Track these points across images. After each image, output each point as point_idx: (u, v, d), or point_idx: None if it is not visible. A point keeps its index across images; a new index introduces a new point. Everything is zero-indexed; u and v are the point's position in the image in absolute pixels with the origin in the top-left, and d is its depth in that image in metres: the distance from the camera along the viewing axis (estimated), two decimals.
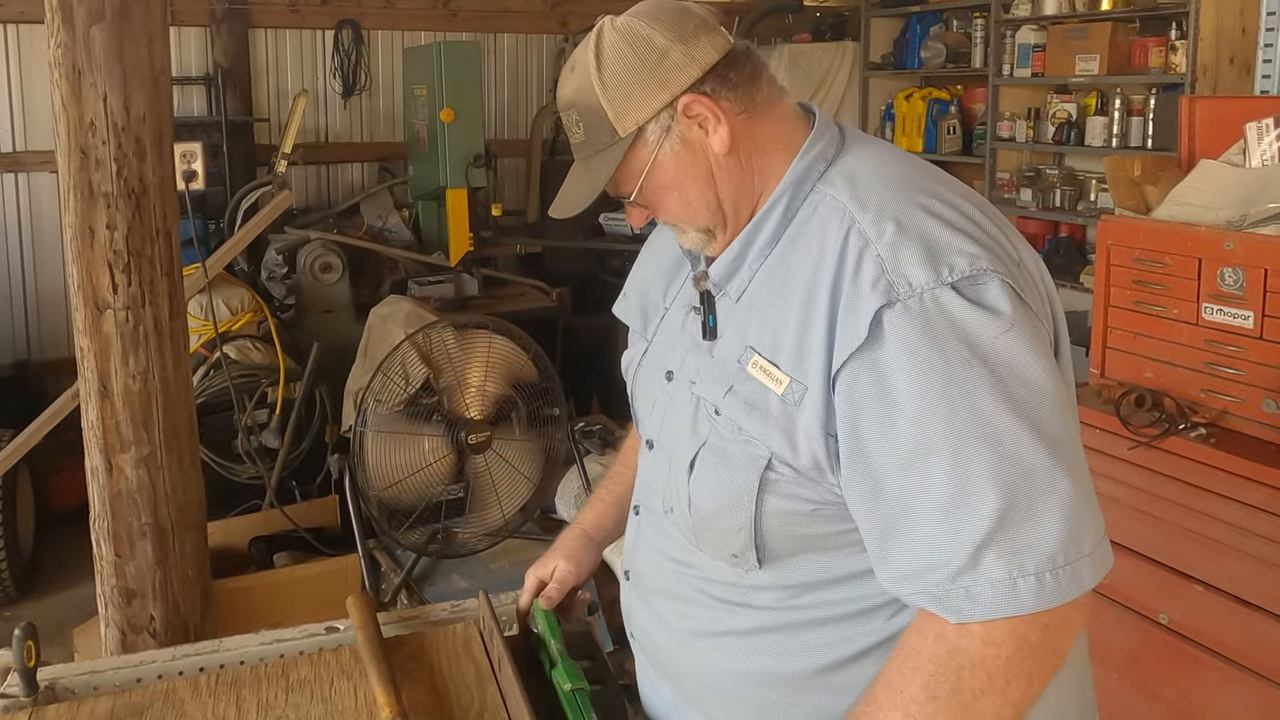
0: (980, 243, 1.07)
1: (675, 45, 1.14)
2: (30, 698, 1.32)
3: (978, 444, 1.00)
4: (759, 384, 1.12)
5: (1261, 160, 2.50)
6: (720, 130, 1.15)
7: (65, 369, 3.80)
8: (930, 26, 5.94)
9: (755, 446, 1.12)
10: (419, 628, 1.51)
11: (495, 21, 5.99)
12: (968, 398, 1.00)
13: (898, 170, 1.16)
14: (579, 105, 1.17)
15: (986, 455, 0.99)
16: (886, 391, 1.02)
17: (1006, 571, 0.99)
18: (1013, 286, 1.05)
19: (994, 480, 0.99)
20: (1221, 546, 2.36)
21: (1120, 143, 4.79)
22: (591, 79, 1.15)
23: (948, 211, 1.09)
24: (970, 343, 1.01)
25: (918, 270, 1.04)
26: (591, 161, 1.19)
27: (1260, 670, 2.30)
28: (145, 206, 2.25)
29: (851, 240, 1.08)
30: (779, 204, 1.17)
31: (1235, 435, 2.41)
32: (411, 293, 4.65)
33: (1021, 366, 1.02)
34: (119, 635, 2.38)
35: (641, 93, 1.14)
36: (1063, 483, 1.00)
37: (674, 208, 1.20)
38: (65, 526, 4.05)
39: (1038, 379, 1.02)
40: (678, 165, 1.17)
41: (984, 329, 1.02)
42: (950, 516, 1.00)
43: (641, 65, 1.14)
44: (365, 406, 3.25)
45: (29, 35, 4.79)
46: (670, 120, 1.15)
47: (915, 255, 1.04)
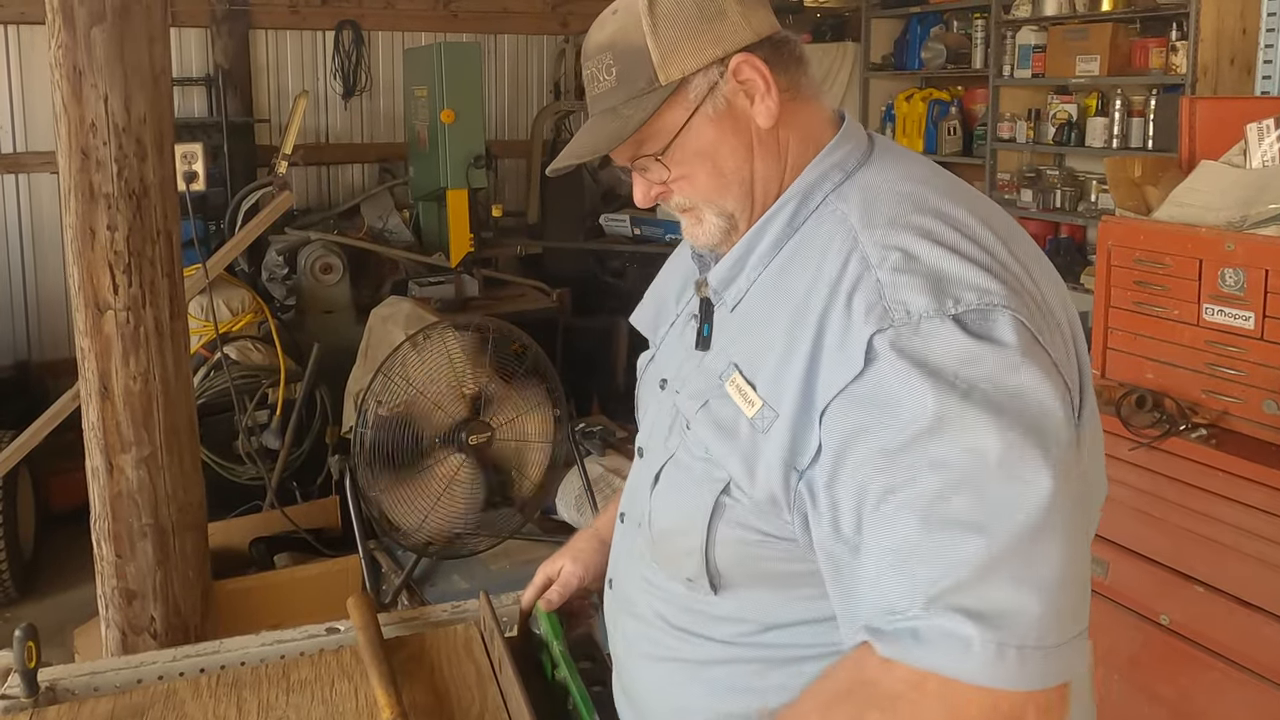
0: (997, 277, 0.96)
1: (735, 5, 1.07)
2: (31, 699, 1.32)
3: (966, 487, 0.88)
4: (733, 404, 1.04)
5: (1262, 161, 2.50)
6: (769, 100, 1.07)
7: (66, 370, 3.81)
8: (931, 27, 5.94)
9: (715, 469, 1.05)
10: (420, 629, 1.51)
11: (496, 22, 5.99)
12: (963, 435, 0.89)
13: (920, 190, 1.05)
14: (617, 47, 1.07)
15: (971, 500, 0.88)
16: (878, 423, 0.92)
17: (971, 630, 0.86)
18: (1026, 325, 0.94)
19: (975, 528, 0.87)
20: (1222, 547, 2.36)
21: (1121, 144, 4.79)
22: (640, 17, 1.06)
23: (965, 242, 0.99)
24: (969, 377, 0.90)
25: (918, 298, 0.94)
26: (621, 109, 1.07)
27: (1261, 671, 2.30)
28: (146, 207, 2.25)
29: (852, 263, 0.99)
30: (785, 209, 1.09)
31: (1236, 436, 2.41)
32: (412, 294, 4.66)
33: (1029, 408, 0.90)
34: (119, 636, 2.38)
35: (694, 41, 1.06)
36: (1054, 549, 0.88)
37: (702, 180, 1.10)
38: (66, 527, 4.05)
39: (1046, 423, 0.90)
40: (717, 129, 1.08)
41: (987, 363, 0.91)
42: (913, 562, 0.89)
43: (698, 13, 1.06)
44: (366, 407, 3.25)
45: (29, 36, 4.79)
46: (719, 78, 1.07)
47: (918, 284, 0.95)
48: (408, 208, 5.33)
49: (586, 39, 1.13)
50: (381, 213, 5.26)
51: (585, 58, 1.12)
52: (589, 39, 1.12)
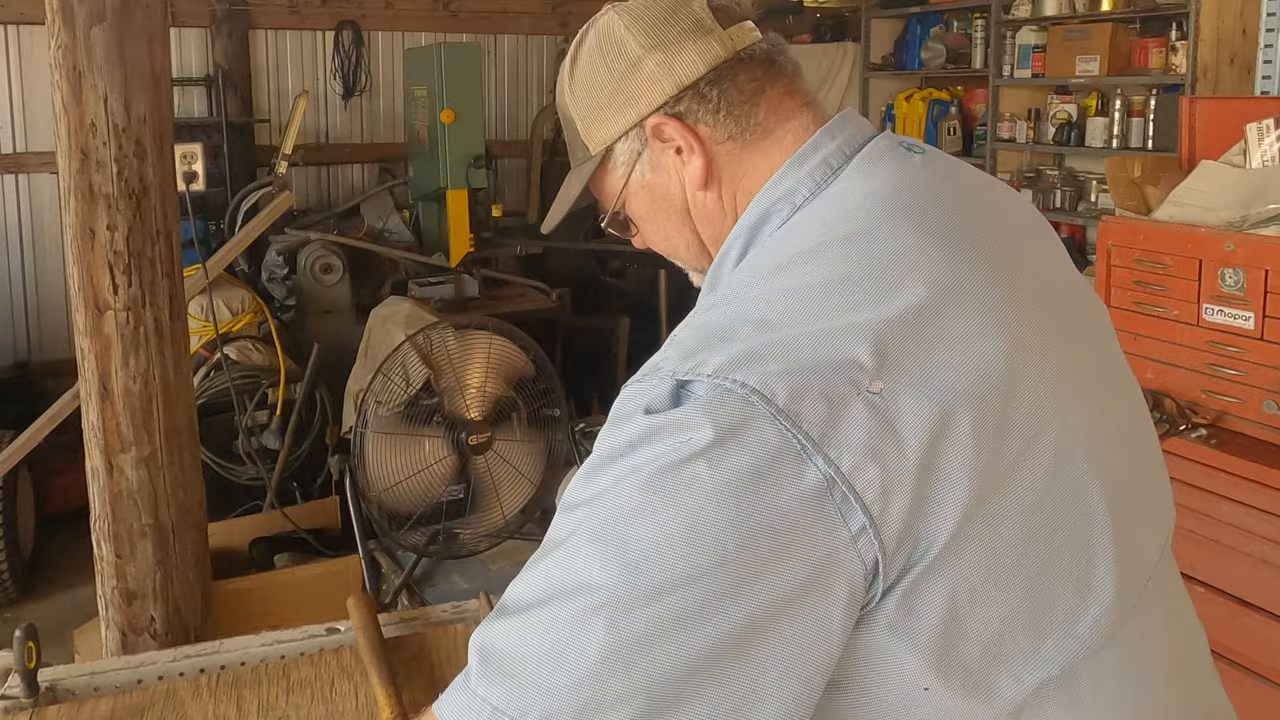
0: (789, 347, 0.74)
1: (650, 53, 0.95)
2: (31, 699, 1.32)
3: (551, 558, 0.80)
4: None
5: (1262, 161, 2.50)
6: (693, 161, 0.95)
7: (66, 370, 3.81)
8: (930, 27, 5.94)
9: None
10: (419, 629, 1.51)
11: (495, 22, 5.99)
12: (591, 522, 0.75)
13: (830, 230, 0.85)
14: (560, 112, 1.05)
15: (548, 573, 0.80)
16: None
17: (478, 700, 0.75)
18: (777, 415, 0.71)
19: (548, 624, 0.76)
20: (1222, 548, 2.36)
21: (1121, 143, 4.79)
22: (565, 86, 1.02)
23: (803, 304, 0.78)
24: (622, 442, 0.75)
25: (662, 358, 0.80)
26: (573, 174, 1.06)
27: (1261, 671, 2.30)
28: (145, 207, 2.25)
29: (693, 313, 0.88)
30: (731, 252, 0.95)
31: (1236, 436, 2.41)
32: (412, 294, 4.66)
33: (669, 512, 0.70)
34: (119, 636, 2.38)
35: (608, 108, 0.98)
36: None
37: (654, 239, 1.05)
38: (65, 528, 4.05)
39: (679, 541, 0.70)
40: (650, 195, 1.00)
41: (646, 429, 0.74)
42: (504, 604, 0.82)
43: (610, 75, 0.97)
44: (366, 408, 3.25)
45: (29, 36, 4.80)
46: (640, 143, 0.98)
47: (689, 341, 0.79)
48: (408, 208, 5.33)
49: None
50: (381, 213, 5.26)
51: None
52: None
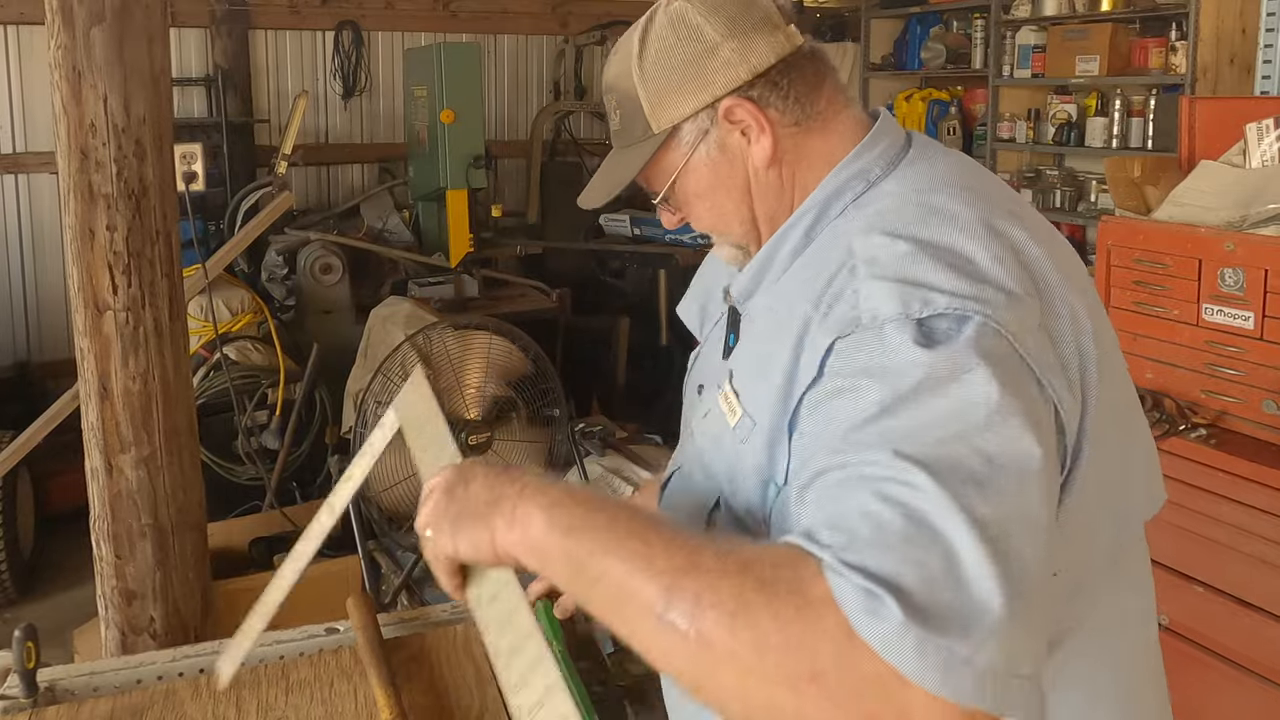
0: (985, 283, 0.89)
1: (727, 40, 1.02)
2: (30, 699, 1.32)
3: (883, 490, 0.78)
4: (721, 414, 1.03)
5: (1261, 161, 2.50)
6: (763, 140, 1.04)
7: (65, 370, 3.80)
8: (930, 27, 5.95)
9: (709, 481, 1.03)
10: (419, 629, 1.51)
11: (495, 22, 5.99)
12: (887, 445, 0.80)
13: (937, 197, 0.98)
14: (618, 91, 1.09)
15: (888, 503, 0.78)
16: (821, 426, 0.87)
17: (875, 591, 0.74)
18: (1003, 334, 0.86)
19: (887, 535, 0.76)
20: (1222, 547, 2.36)
21: (1120, 143, 4.79)
22: (632, 65, 1.06)
23: (960, 249, 0.92)
24: (911, 381, 0.83)
25: (885, 303, 0.88)
26: (622, 154, 1.11)
27: (1261, 671, 2.30)
28: (145, 208, 2.25)
29: (841, 275, 0.95)
30: (801, 222, 1.05)
31: (1236, 436, 2.41)
32: (412, 294, 4.65)
33: (966, 416, 0.81)
34: (119, 636, 2.38)
35: (682, 89, 1.04)
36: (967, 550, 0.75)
37: (705, 217, 1.11)
38: (65, 528, 4.05)
39: (987, 444, 0.80)
40: (712, 173, 1.07)
41: (931, 368, 0.83)
42: (843, 522, 0.80)
43: (686, 58, 1.03)
44: (365, 408, 3.25)
45: (29, 37, 4.80)
46: (709, 123, 1.05)
47: (889, 290, 0.89)
48: (407, 208, 5.33)
49: (604, 71, 1.14)
50: (381, 213, 5.26)
51: (603, 90, 1.14)
52: (604, 71, 1.13)
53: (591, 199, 1.16)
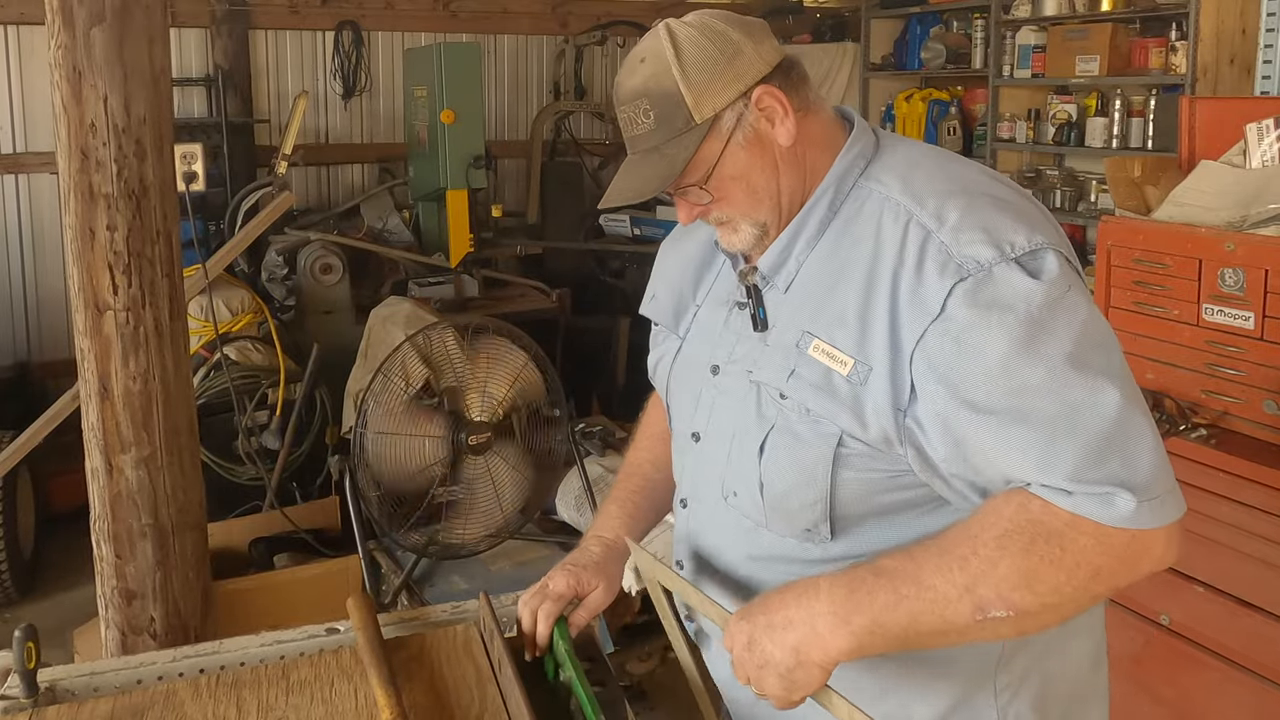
0: (1029, 221, 1.16)
1: (747, 41, 1.22)
2: (30, 699, 1.32)
3: (1060, 394, 1.07)
4: (822, 366, 1.18)
5: (1262, 161, 2.50)
6: (787, 122, 1.22)
7: (66, 370, 3.81)
8: (930, 27, 5.94)
9: (824, 425, 1.19)
10: (419, 629, 1.51)
11: (495, 22, 5.99)
12: (1046, 355, 1.08)
13: (939, 165, 1.25)
14: (651, 94, 1.21)
15: (1064, 406, 1.07)
16: (972, 352, 1.10)
17: (1110, 492, 1.06)
18: (1065, 256, 1.15)
19: (1079, 427, 1.07)
20: (1222, 547, 2.36)
21: (1120, 144, 4.79)
22: (670, 66, 1.20)
23: (992, 198, 1.18)
24: (1037, 308, 1.09)
25: (982, 250, 1.12)
26: (664, 149, 1.22)
27: (1261, 671, 2.30)
28: (145, 208, 2.25)
29: (912, 232, 1.16)
30: (824, 198, 1.25)
31: (1236, 436, 2.41)
32: (412, 294, 4.65)
33: (1085, 323, 1.11)
34: (119, 637, 2.38)
35: (719, 81, 1.20)
36: (1141, 420, 1.09)
37: (739, 198, 1.25)
38: (65, 528, 4.05)
39: (1099, 332, 1.12)
40: (748, 155, 1.23)
41: (1047, 295, 1.10)
42: (1046, 461, 1.08)
43: (719, 55, 1.20)
44: (365, 408, 3.25)
45: (29, 36, 4.79)
46: (744, 110, 1.21)
47: (977, 238, 1.13)
48: (408, 208, 5.33)
49: (618, 85, 1.26)
50: (381, 213, 5.26)
51: (620, 103, 1.25)
52: (621, 85, 1.25)
53: (637, 191, 1.24)
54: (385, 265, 4.99)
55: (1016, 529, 1.08)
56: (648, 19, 6.05)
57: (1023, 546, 1.07)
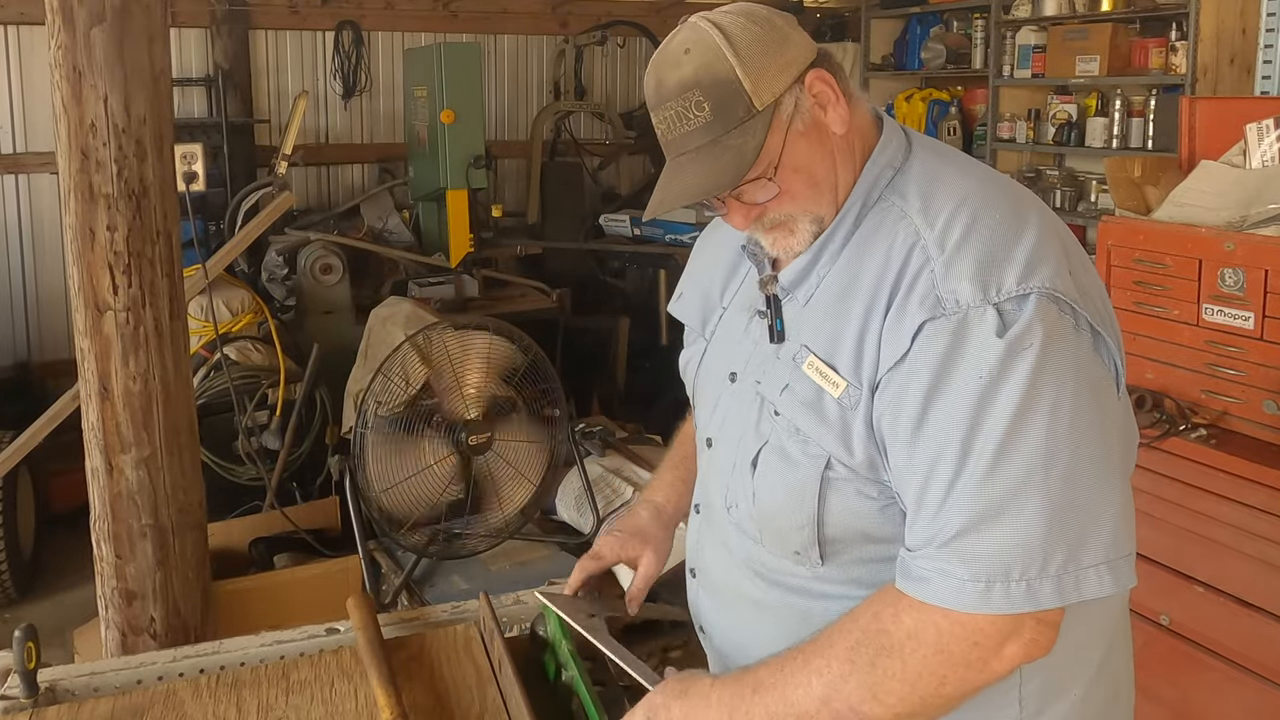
0: (1031, 256, 1.08)
1: (791, 29, 1.17)
2: (31, 699, 1.32)
3: (989, 465, 1.04)
4: (814, 384, 1.16)
5: (1262, 161, 2.50)
6: (839, 107, 1.17)
7: (66, 370, 3.81)
8: (930, 27, 5.94)
9: (811, 446, 1.16)
10: (419, 629, 1.51)
11: (495, 22, 5.99)
12: (984, 416, 1.04)
13: (965, 184, 1.17)
14: (703, 83, 1.13)
15: (978, 470, 1.04)
16: (913, 400, 1.07)
17: (964, 571, 1.04)
18: (1064, 299, 1.07)
19: (974, 496, 1.04)
20: (1222, 547, 2.36)
21: (1120, 144, 4.79)
22: (723, 52, 1.12)
23: (1004, 221, 1.11)
24: (996, 364, 1.04)
25: (966, 287, 1.07)
26: (725, 141, 1.13)
27: (1261, 671, 2.30)
28: (145, 208, 2.25)
29: (915, 255, 1.11)
30: (850, 212, 1.19)
31: (1236, 436, 2.41)
32: (412, 294, 4.65)
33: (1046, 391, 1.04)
34: (119, 637, 2.38)
35: (775, 65, 1.14)
36: (1032, 500, 1.03)
37: (802, 191, 1.18)
38: (65, 528, 4.05)
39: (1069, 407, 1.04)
40: (808, 143, 1.17)
41: (1011, 349, 1.04)
42: (937, 516, 1.06)
43: (770, 39, 1.14)
44: (365, 408, 3.25)
45: (29, 37, 4.79)
46: (799, 95, 1.16)
47: (967, 272, 1.08)
48: (408, 208, 5.33)
49: (658, 83, 1.16)
50: (381, 213, 5.26)
51: (663, 99, 1.15)
52: (661, 82, 1.16)
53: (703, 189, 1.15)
54: (385, 265, 4.99)
55: (865, 640, 1.09)
56: (648, 19, 6.05)
57: (869, 660, 1.08)
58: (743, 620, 1.31)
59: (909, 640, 1.07)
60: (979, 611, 1.04)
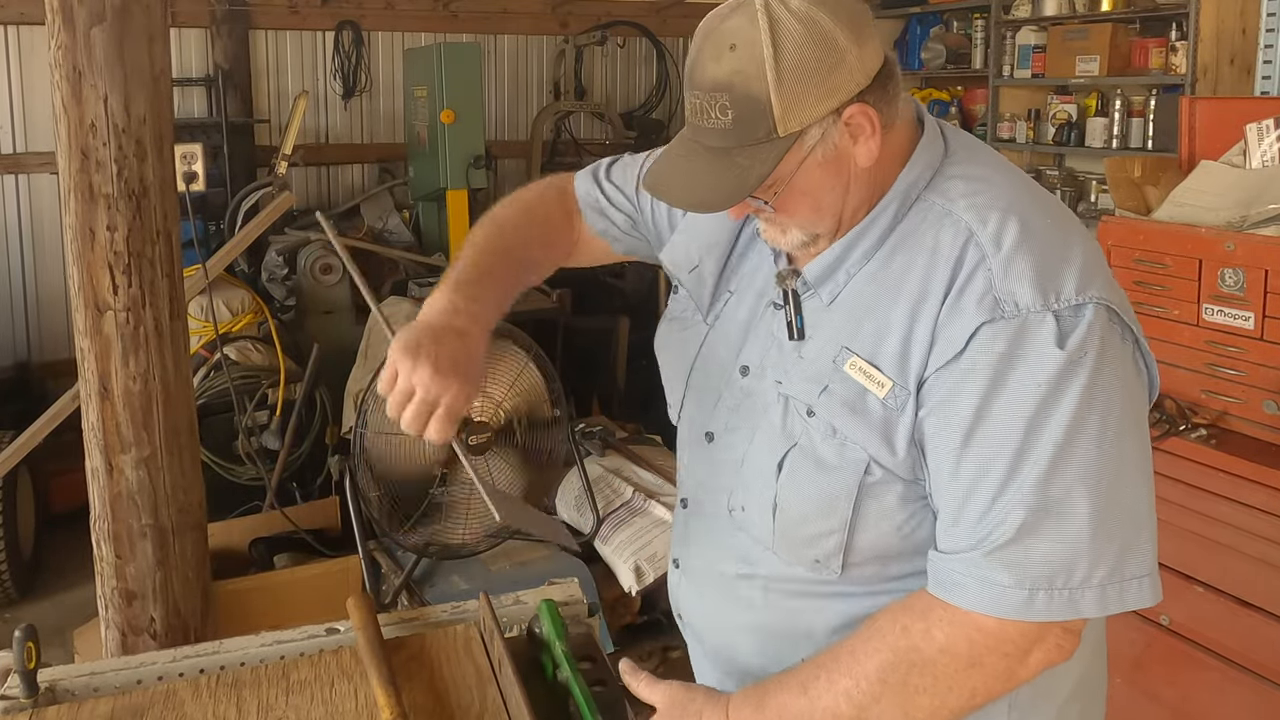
0: (1086, 266, 1.08)
1: (853, 47, 1.07)
2: (30, 699, 1.32)
3: (1042, 475, 1.03)
4: (858, 385, 1.12)
5: (1262, 161, 2.50)
6: (871, 142, 1.10)
7: (66, 370, 3.80)
8: (930, 27, 5.95)
9: (851, 449, 1.12)
10: (419, 629, 1.51)
11: (495, 22, 5.99)
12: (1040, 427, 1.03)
13: (1009, 187, 1.15)
14: (735, 90, 1.06)
15: (1031, 477, 1.03)
16: (967, 402, 1.05)
17: (1008, 578, 1.03)
18: (1115, 310, 1.07)
19: (1024, 503, 1.03)
20: (1222, 548, 2.36)
21: (1120, 144, 4.79)
22: (764, 66, 1.04)
23: (1056, 232, 1.10)
24: (1056, 375, 1.03)
25: (1026, 291, 1.05)
26: (735, 155, 1.08)
27: (1261, 671, 2.30)
28: (145, 208, 2.25)
29: (969, 253, 1.09)
30: (886, 212, 1.15)
31: (1236, 436, 2.41)
32: (412, 294, 4.64)
33: (1099, 406, 1.04)
34: (119, 637, 2.38)
35: (814, 94, 1.06)
36: (1080, 509, 1.03)
37: (803, 213, 1.15)
38: (65, 528, 4.05)
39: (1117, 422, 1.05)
40: (822, 172, 1.11)
41: (1070, 359, 1.03)
42: (983, 520, 1.05)
43: (821, 64, 1.05)
44: (365, 408, 3.25)
45: (29, 37, 4.79)
46: (830, 126, 1.09)
47: (1027, 276, 1.05)
48: (408, 208, 5.33)
49: (696, 65, 1.09)
50: (381, 213, 5.25)
51: (694, 85, 1.10)
52: (700, 68, 1.09)
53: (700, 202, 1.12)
54: (385, 265, 4.98)
55: (895, 659, 1.08)
56: (648, 19, 6.05)
57: (900, 679, 1.07)
58: (730, 620, 1.29)
59: (941, 656, 1.07)
60: (1019, 619, 1.04)
